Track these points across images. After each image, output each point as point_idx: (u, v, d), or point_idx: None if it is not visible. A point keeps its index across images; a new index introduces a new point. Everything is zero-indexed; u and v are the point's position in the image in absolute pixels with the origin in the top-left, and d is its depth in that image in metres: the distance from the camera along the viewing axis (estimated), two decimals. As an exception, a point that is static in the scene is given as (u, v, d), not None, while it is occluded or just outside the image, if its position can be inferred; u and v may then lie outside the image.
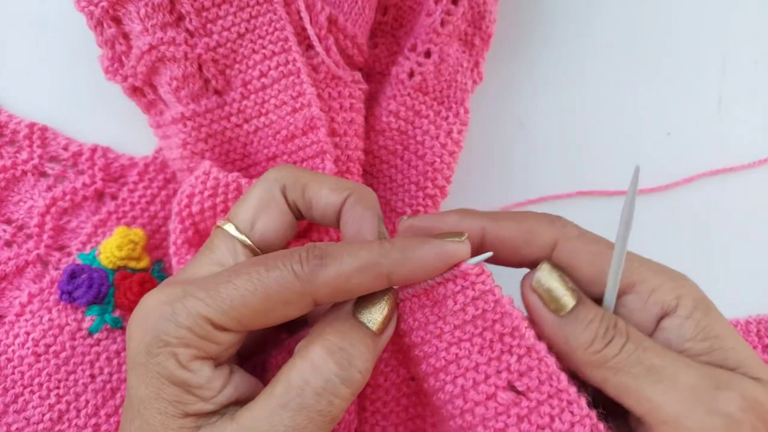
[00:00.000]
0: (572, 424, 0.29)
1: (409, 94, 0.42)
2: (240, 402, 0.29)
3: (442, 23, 0.41)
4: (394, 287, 0.31)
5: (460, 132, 0.43)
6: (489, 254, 0.30)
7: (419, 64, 0.42)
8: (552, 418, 0.29)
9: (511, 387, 0.29)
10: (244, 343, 0.31)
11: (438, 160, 0.42)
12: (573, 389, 0.29)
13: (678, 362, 0.29)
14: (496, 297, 0.30)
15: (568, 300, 0.30)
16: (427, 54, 0.42)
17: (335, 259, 0.29)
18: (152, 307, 0.29)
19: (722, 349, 0.29)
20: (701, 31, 0.47)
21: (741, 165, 0.46)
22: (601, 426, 0.29)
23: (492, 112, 0.46)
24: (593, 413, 0.29)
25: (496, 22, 0.42)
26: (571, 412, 0.29)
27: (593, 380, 0.30)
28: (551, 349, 0.30)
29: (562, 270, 0.31)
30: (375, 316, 0.30)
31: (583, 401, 0.29)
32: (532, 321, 0.31)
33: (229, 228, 0.32)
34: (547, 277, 0.31)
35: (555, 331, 0.30)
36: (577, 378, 0.31)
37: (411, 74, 0.42)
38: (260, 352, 0.36)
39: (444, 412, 0.31)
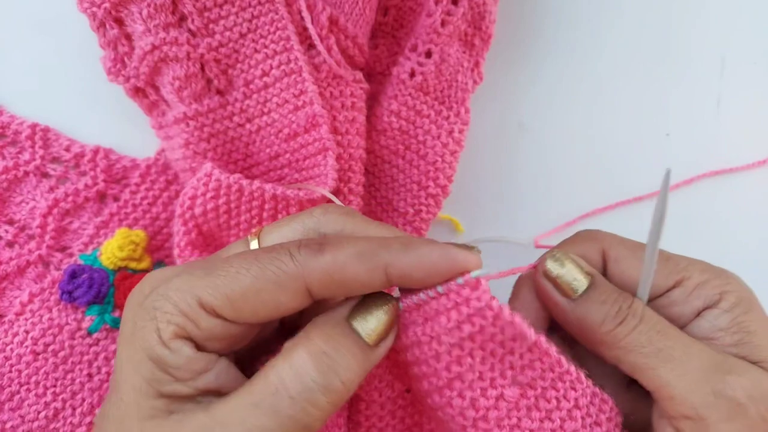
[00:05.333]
0: (576, 399, 0.30)
1: (410, 94, 0.42)
2: (220, 393, 0.28)
3: (443, 23, 0.41)
4: (395, 298, 0.29)
5: (461, 131, 0.43)
6: (486, 271, 0.28)
7: (420, 64, 0.42)
8: (558, 400, 0.30)
9: (515, 382, 0.29)
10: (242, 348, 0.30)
11: (440, 159, 0.43)
12: (573, 367, 0.30)
13: (691, 346, 0.30)
14: (495, 311, 0.28)
15: (580, 283, 0.31)
16: (428, 54, 0.42)
17: (334, 245, 0.27)
18: (149, 281, 0.29)
19: (750, 344, 0.30)
20: (700, 32, 0.47)
21: (740, 166, 0.46)
22: (597, 390, 0.30)
23: (492, 113, 0.46)
24: (590, 382, 0.30)
25: (495, 23, 0.43)
26: (574, 389, 0.30)
27: (609, 359, 0.31)
28: (567, 330, 0.32)
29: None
30: (370, 325, 0.28)
31: (582, 375, 0.30)
32: (545, 304, 0.32)
33: (254, 245, 0.31)
34: (558, 263, 0.32)
35: (568, 314, 0.31)
36: None
37: (412, 74, 0.42)
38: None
39: (453, 426, 0.30)
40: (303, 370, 0.26)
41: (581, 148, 0.46)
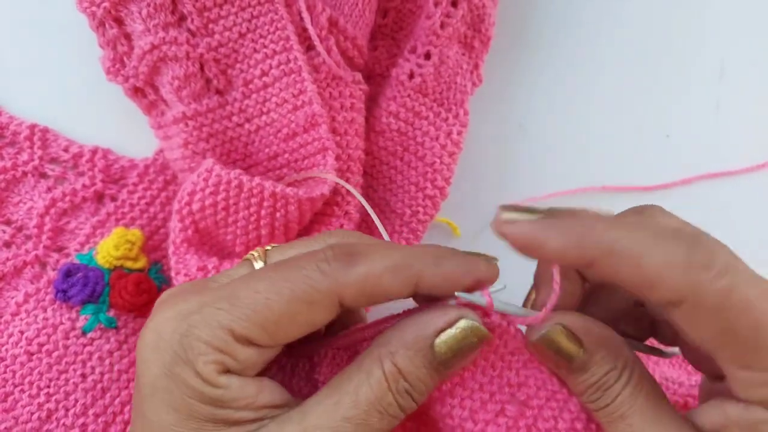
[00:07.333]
0: (572, 421, 0.29)
1: (408, 96, 0.42)
2: (273, 407, 0.27)
3: (442, 25, 0.41)
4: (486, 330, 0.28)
5: (459, 133, 0.43)
6: (503, 287, 0.28)
7: (419, 66, 0.42)
8: (555, 420, 0.29)
9: (514, 399, 0.29)
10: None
11: (437, 161, 0.42)
12: (564, 389, 0.30)
13: None
14: (495, 323, 0.29)
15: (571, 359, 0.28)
16: (427, 56, 0.42)
17: (366, 257, 0.27)
18: (165, 326, 0.27)
19: None
20: (700, 36, 0.47)
21: (739, 169, 0.46)
22: (592, 416, 0.29)
23: (492, 115, 0.46)
24: (584, 407, 0.30)
25: (495, 25, 0.43)
26: (569, 410, 0.29)
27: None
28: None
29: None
30: (456, 361, 0.28)
31: (574, 398, 0.30)
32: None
33: (258, 266, 0.30)
34: (550, 340, 0.28)
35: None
36: None
37: (411, 76, 0.42)
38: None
39: None
40: (386, 396, 0.27)
41: (581, 150, 0.46)
